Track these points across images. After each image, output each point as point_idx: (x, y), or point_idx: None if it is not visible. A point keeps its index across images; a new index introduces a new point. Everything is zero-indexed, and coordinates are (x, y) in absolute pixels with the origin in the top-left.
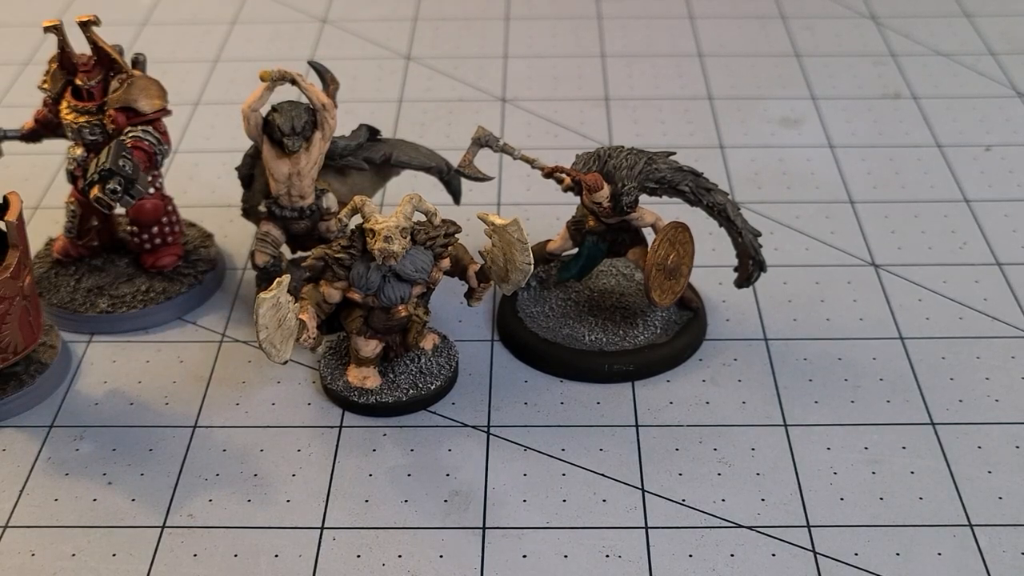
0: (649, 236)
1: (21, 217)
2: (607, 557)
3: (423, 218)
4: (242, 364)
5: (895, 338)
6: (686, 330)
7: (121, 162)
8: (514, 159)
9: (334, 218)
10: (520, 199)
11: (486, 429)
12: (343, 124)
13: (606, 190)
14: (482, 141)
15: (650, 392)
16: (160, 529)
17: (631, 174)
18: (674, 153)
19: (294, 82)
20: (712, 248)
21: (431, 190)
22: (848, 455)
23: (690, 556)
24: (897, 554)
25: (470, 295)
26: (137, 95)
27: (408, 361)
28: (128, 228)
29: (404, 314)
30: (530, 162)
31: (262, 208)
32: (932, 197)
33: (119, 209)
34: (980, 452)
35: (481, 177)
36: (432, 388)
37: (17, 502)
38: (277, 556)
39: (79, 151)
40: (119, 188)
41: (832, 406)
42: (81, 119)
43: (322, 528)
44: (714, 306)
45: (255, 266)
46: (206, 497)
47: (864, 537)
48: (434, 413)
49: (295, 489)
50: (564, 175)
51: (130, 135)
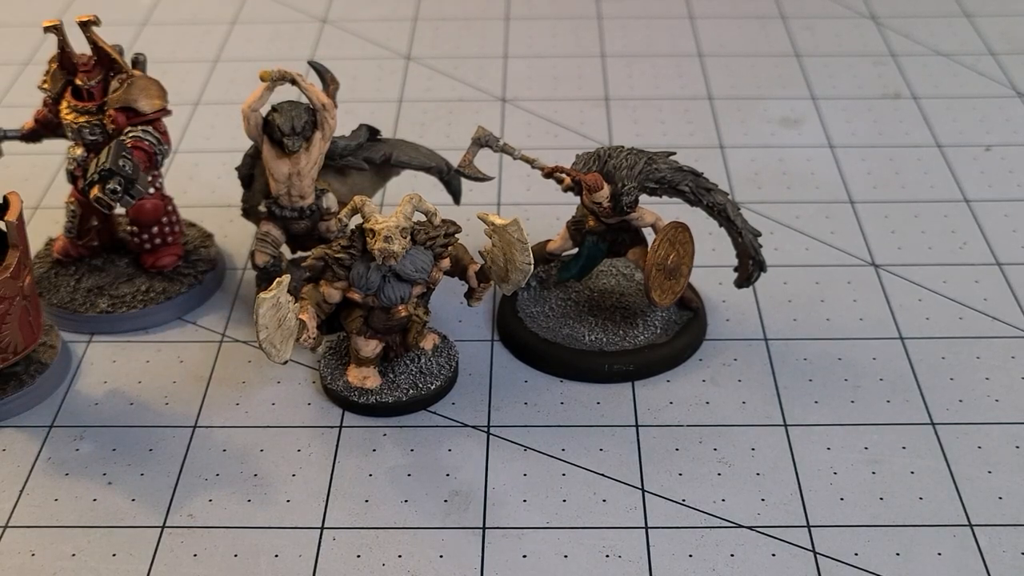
0: (649, 236)
1: (21, 217)
2: (607, 557)
3: (423, 218)
4: (242, 364)
5: (895, 338)
6: (686, 330)
7: (121, 162)
8: (514, 159)
9: (334, 218)
10: (520, 199)
11: (486, 429)
12: (343, 124)
13: (606, 190)
14: (482, 141)
15: (650, 392)
16: (160, 529)
17: (631, 174)
18: (674, 153)
19: (294, 82)
20: (712, 248)
21: (431, 190)
22: (848, 455)
23: (690, 556)
24: (897, 554)
25: (470, 295)
26: (137, 95)
27: (408, 361)
28: (128, 228)
29: (404, 314)
30: (530, 162)
31: (262, 208)
32: (932, 197)
33: (119, 209)
34: (980, 452)
35: (481, 177)
36: (432, 388)
37: (17, 502)
38: (277, 556)
39: (79, 151)
40: (119, 188)
41: (832, 406)
42: (81, 119)
43: (322, 528)
44: (714, 306)
45: (255, 266)
46: (206, 497)
47: (864, 537)
48: (434, 413)
49: (295, 489)
50: (564, 175)
51: (130, 135)
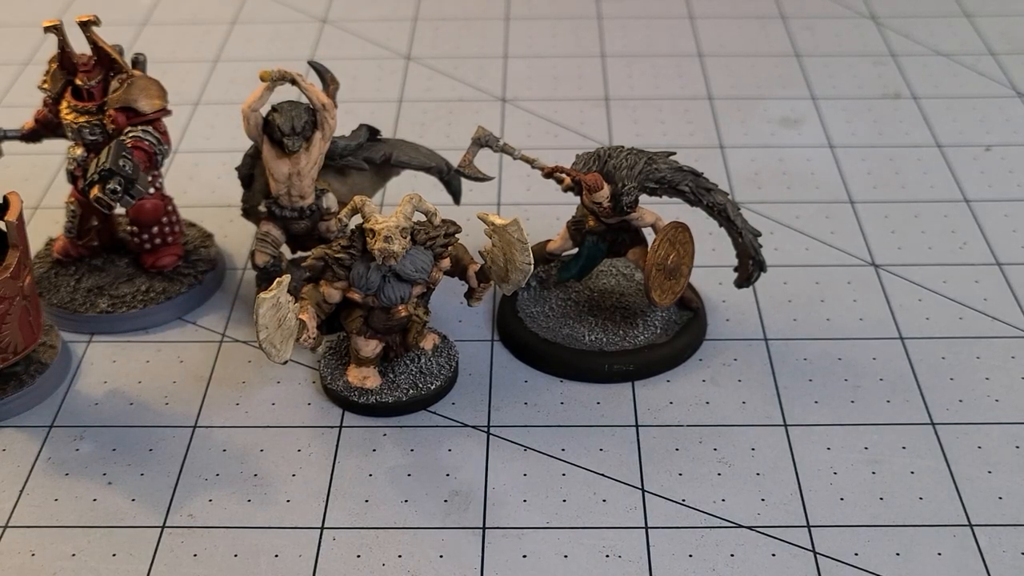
0: (649, 236)
1: (21, 217)
2: (607, 557)
3: (423, 218)
4: (242, 364)
5: (895, 338)
6: (686, 330)
7: (121, 162)
8: (514, 159)
9: (334, 218)
10: (520, 199)
11: (486, 429)
12: (343, 124)
13: (606, 190)
14: (482, 141)
15: (650, 392)
16: (160, 529)
17: (631, 174)
18: (674, 153)
19: (294, 82)
20: (712, 248)
21: (431, 190)
22: (848, 455)
23: (690, 556)
24: (897, 554)
25: (470, 295)
26: (137, 95)
27: (408, 361)
28: (128, 228)
29: (404, 314)
30: (530, 162)
31: (262, 208)
32: (932, 197)
33: (119, 209)
34: (980, 452)
35: (481, 177)
36: (432, 388)
37: (17, 502)
38: (277, 556)
39: (79, 151)
40: (119, 188)
41: (832, 406)
42: (81, 119)
43: (322, 528)
44: (714, 306)
45: (255, 266)
46: (206, 497)
47: (864, 537)
48: (434, 413)
49: (295, 489)
50: (564, 175)
51: (130, 135)
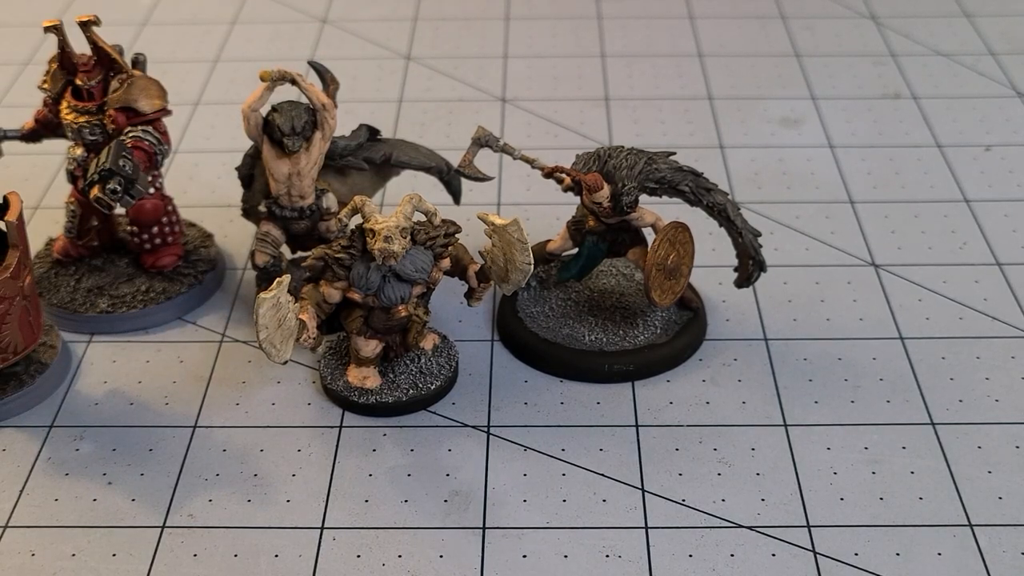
0: (649, 236)
1: (21, 217)
2: (607, 557)
3: (423, 218)
4: (242, 364)
5: (895, 338)
6: (686, 330)
7: (121, 162)
8: (514, 159)
9: (334, 218)
10: (520, 199)
11: (486, 429)
12: (343, 124)
13: (606, 190)
14: (482, 141)
15: (650, 392)
16: (160, 529)
17: (631, 174)
18: (674, 153)
19: (294, 82)
20: (712, 248)
21: (431, 190)
22: (848, 455)
23: (690, 556)
24: (897, 554)
25: (470, 295)
26: (137, 95)
27: (408, 361)
28: (128, 228)
29: (404, 314)
30: (530, 162)
31: (262, 208)
32: (932, 197)
33: (119, 209)
34: (980, 452)
35: (481, 177)
36: (432, 388)
37: (17, 502)
38: (277, 556)
39: (79, 151)
40: (119, 188)
41: (832, 406)
42: (81, 119)
43: (322, 528)
44: (714, 306)
45: (255, 266)
46: (206, 497)
47: (864, 537)
48: (434, 413)
49: (295, 489)
50: (564, 175)
51: (130, 135)
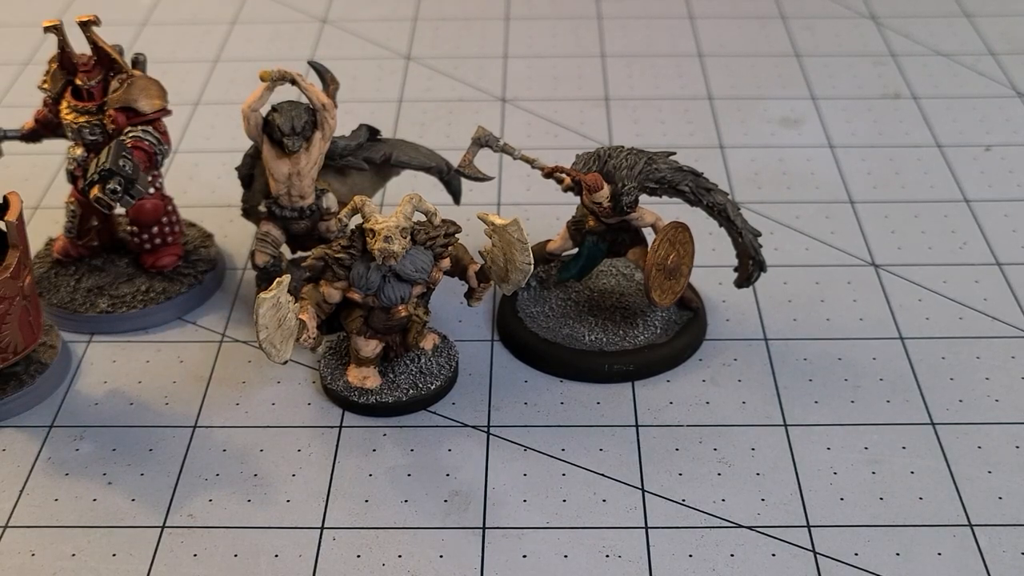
0: (649, 236)
1: (21, 217)
2: (607, 557)
3: (423, 218)
4: (242, 364)
5: (895, 338)
6: (686, 330)
7: (121, 162)
8: (514, 159)
9: (334, 218)
10: (520, 199)
11: (486, 429)
12: (343, 124)
13: (606, 190)
14: (482, 141)
15: (650, 392)
16: (160, 529)
17: (631, 174)
18: (674, 153)
19: (294, 82)
20: (712, 248)
21: (431, 190)
22: (848, 455)
23: (690, 556)
24: (897, 554)
25: (470, 295)
26: (137, 95)
27: (408, 361)
28: (128, 228)
29: (404, 314)
30: (530, 162)
31: (262, 208)
32: (932, 197)
33: (119, 209)
34: (980, 452)
35: (481, 177)
36: (432, 388)
37: (17, 502)
38: (277, 556)
39: (79, 151)
40: (119, 188)
41: (832, 406)
42: (81, 119)
43: (322, 528)
44: (714, 306)
45: (255, 266)
46: (206, 497)
47: (864, 537)
48: (434, 413)
49: (295, 489)
50: (564, 175)
51: (130, 135)
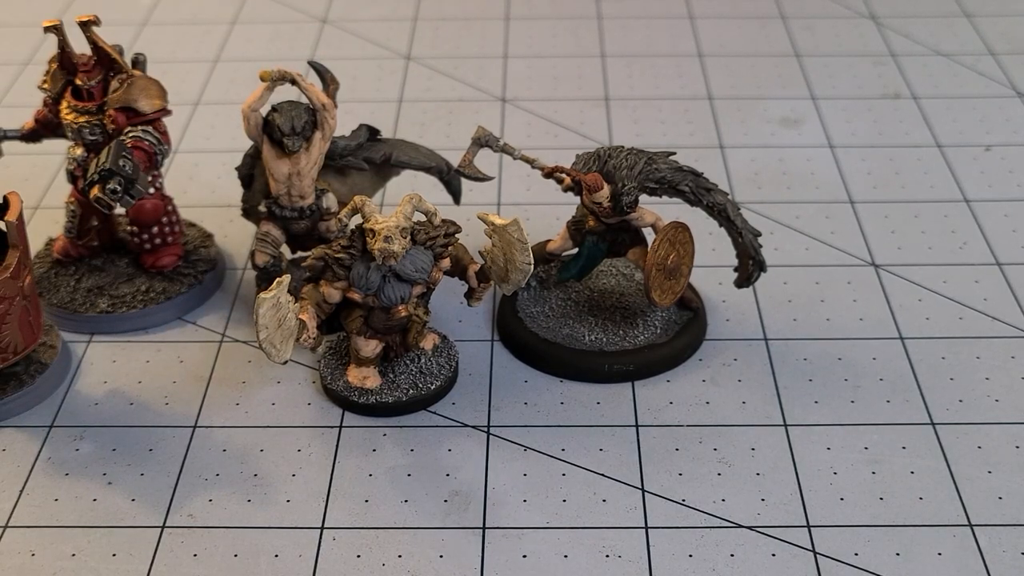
0: (649, 236)
1: (21, 217)
2: (607, 557)
3: (423, 218)
4: (242, 364)
5: (895, 338)
6: (686, 330)
7: (121, 162)
8: (514, 159)
9: (334, 218)
10: (520, 199)
11: (486, 429)
12: (343, 124)
13: (606, 190)
14: (482, 141)
15: (650, 392)
16: (160, 529)
17: (631, 174)
18: (674, 153)
19: (294, 82)
20: (712, 248)
21: (431, 190)
22: (848, 455)
23: (690, 556)
24: (897, 554)
25: (470, 295)
26: (137, 95)
27: (408, 361)
28: (128, 228)
29: (404, 314)
30: (530, 162)
31: (262, 208)
32: (932, 197)
33: (119, 209)
34: (980, 452)
35: (481, 177)
36: (432, 388)
37: (17, 502)
38: (277, 556)
39: (79, 151)
40: (119, 188)
41: (832, 406)
42: (81, 119)
43: (322, 528)
44: (714, 306)
45: (255, 266)
46: (206, 497)
47: (864, 537)
48: (434, 413)
49: (295, 489)
50: (564, 175)
51: (130, 135)
